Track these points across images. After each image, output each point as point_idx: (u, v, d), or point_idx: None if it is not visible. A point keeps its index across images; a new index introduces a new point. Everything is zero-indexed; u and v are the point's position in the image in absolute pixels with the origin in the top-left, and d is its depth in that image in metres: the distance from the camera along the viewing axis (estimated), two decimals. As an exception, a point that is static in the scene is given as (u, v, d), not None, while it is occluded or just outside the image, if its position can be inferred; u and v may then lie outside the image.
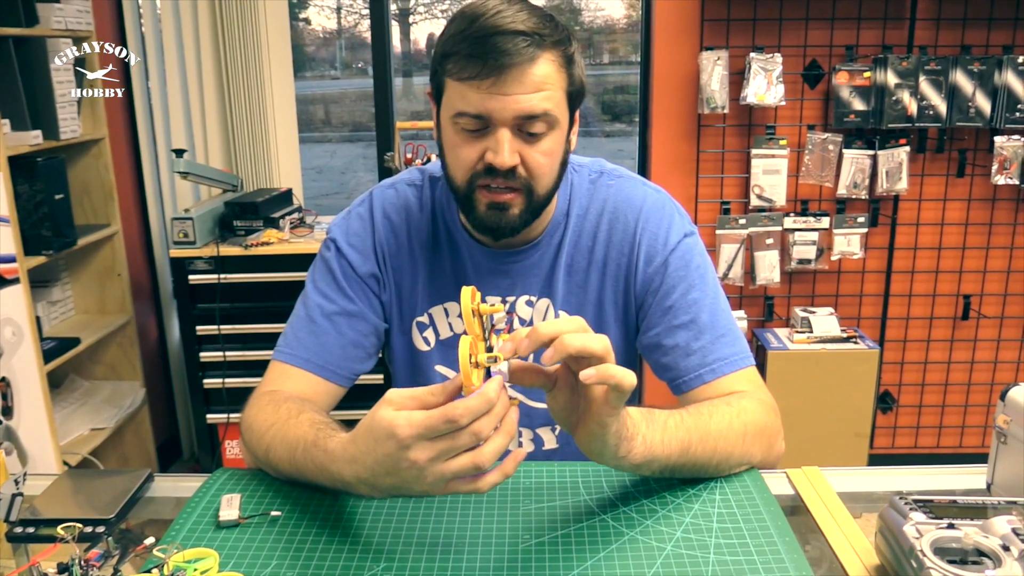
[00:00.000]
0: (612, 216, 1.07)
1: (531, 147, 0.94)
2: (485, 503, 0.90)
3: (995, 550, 0.70)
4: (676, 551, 0.80)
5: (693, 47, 2.63)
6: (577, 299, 1.08)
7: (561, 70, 0.93)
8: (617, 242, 1.06)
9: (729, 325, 1.05)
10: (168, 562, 0.74)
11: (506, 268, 1.08)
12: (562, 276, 1.08)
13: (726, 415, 0.93)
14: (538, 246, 1.07)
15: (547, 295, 1.09)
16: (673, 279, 1.05)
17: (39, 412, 2.16)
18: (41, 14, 2.30)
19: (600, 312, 1.08)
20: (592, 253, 1.07)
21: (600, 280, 1.07)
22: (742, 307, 2.78)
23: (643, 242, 1.05)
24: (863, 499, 0.94)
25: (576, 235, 1.08)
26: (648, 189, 1.10)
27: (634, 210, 1.06)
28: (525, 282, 1.09)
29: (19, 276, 2.11)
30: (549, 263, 1.08)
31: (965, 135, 2.66)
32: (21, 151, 2.20)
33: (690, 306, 1.04)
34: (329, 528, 0.86)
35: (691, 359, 1.02)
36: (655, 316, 1.05)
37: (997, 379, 2.86)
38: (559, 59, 0.93)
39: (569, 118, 0.98)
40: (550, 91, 0.92)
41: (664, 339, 1.04)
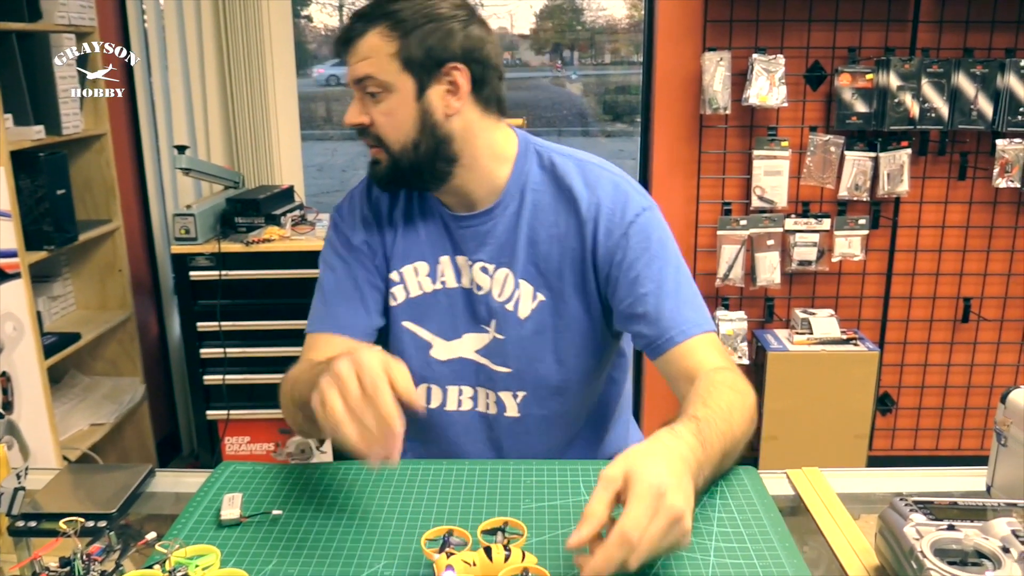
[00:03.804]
0: (571, 191, 1.13)
1: (376, 108, 1.08)
2: (486, 501, 0.90)
3: (995, 552, 0.70)
4: (676, 554, 0.80)
5: (695, 48, 2.63)
6: (537, 269, 1.14)
7: (389, 40, 1.06)
8: (578, 217, 1.12)
9: (692, 292, 1.12)
10: (170, 558, 0.74)
11: (463, 232, 1.16)
12: (523, 247, 1.14)
13: (732, 405, 0.96)
14: (491, 214, 1.14)
15: (507, 265, 1.14)
16: (636, 251, 1.10)
17: (39, 407, 2.16)
18: (44, 9, 2.30)
19: (560, 282, 1.13)
20: (555, 227, 1.13)
21: (560, 253, 1.13)
22: (742, 308, 2.78)
23: (601, 217, 1.11)
24: (863, 500, 0.95)
25: (537, 209, 1.14)
26: (604, 171, 1.16)
27: (591, 187, 1.13)
28: (482, 248, 1.15)
29: (20, 271, 2.11)
30: (508, 233, 1.14)
31: (967, 138, 2.66)
32: (23, 146, 2.20)
33: (655, 275, 1.10)
34: (330, 527, 0.86)
35: (660, 324, 1.08)
36: (623, 288, 1.11)
37: (997, 382, 2.86)
38: (386, 30, 1.06)
39: (421, 81, 1.06)
40: (372, 58, 1.06)
41: (635, 308, 1.10)
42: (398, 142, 1.08)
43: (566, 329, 1.14)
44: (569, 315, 1.14)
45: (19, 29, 2.21)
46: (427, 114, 1.08)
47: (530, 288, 1.14)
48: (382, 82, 1.06)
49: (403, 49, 1.05)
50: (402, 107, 1.07)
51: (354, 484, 0.95)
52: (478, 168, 1.13)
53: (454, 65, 1.07)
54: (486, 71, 1.10)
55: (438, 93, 1.08)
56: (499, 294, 1.15)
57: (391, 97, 1.07)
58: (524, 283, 1.14)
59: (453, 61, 1.07)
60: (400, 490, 0.93)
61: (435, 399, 1.20)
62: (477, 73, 1.08)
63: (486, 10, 7.13)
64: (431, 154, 1.09)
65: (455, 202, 1.16)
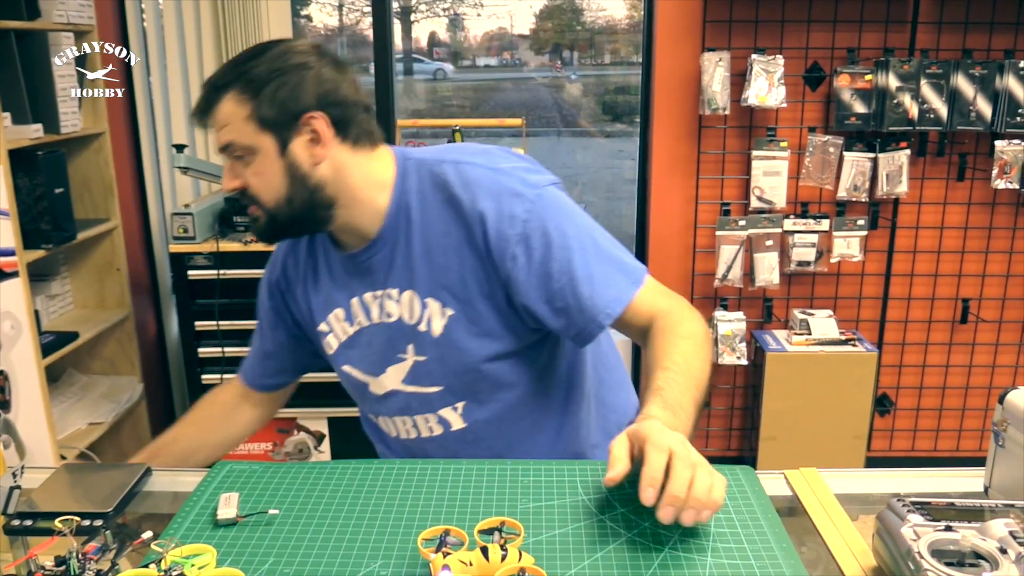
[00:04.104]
0: (454, 199, 1.10)
1: (245, 171, 1.08)
2: (483, 501, 0.90)
3: (992, 553, 0.70)
4: (673, 553, 0.80)
5: (695, 48, 2.63)
6: (441, 282, 1.12)
7: (241, 103, 1.05)
8: (465, 223, 1.10)
9: (606, 261, 1.11)
10: (166, 557, 0.74)
11: (361, 267, 1.16)
12: (421, 264, 1.12)
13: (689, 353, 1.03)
14: (378, 243, 1.13)
15: (410, 286, 1.13)
16: (537, 249, 1.08)
17: (37, 406, 2.16)
18: (43, 8, 2.30)
19: (466, 291, 1.11)
20: (446, 237, 1.11)
21: (459, 261, 1.11)
22: (741, 308, 2.78)
23: (488, 222, 1.08)
24: (860, 501, 0.95)
25: (426, 224, 1.12)
26: (485, 170, 1.12)
27: (471, 193, 1.09)
28: (382, 277, 1.15)
29: (18, 269, 2.11)
30: (402, 255, 1.13)
31: (966, 139, 2.66)
32: (22, 144, 2.20)
33: (564, 267, 1.08)
34: (326, 527, 0.86)
35: (584, 313, 1.08)
36: (535, 288, 1.09)
37: (995, 383, 2.86)
38: (236, 95, 1.06)
39: (282, 136, 1.06)
40: (230, 125, 1.06)
41: (555, 303, 1.09)
42: (272, 200, 1.09)
43: (483, 335, 1.13)
44: (482, 321, 1.12)
45: (18, 27, 2.21)
46: (294, 167, 1.07)
47: (437, 304, 1.12)
48: (244, 146, 1.06)
49: (256, 110, 1.05)
50: (269, 166, 1.07)
51: (351, 484, 0.95)
52: (359, 203, 1.12)
53: (310, 115, 1.06)
54: (346, 111, 1.09)
55: (301, 145, 1.07)
56: (410, 317, 1.14)
57: (256, 159, 1.07)
58: (431, 300, 1.12)
59: (308, 111, 1.06)
60: (397, 490, 0.93)
61: (391, 429, 1.23)
62: (337, 116, 1.08)
63: (486, 10, 7.13)
64: (307, 204, 1.09)
65: (349, 239, 1.16)
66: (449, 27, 7.39)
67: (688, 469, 0.80)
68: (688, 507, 0.78)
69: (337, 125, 1.08)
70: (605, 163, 7.06)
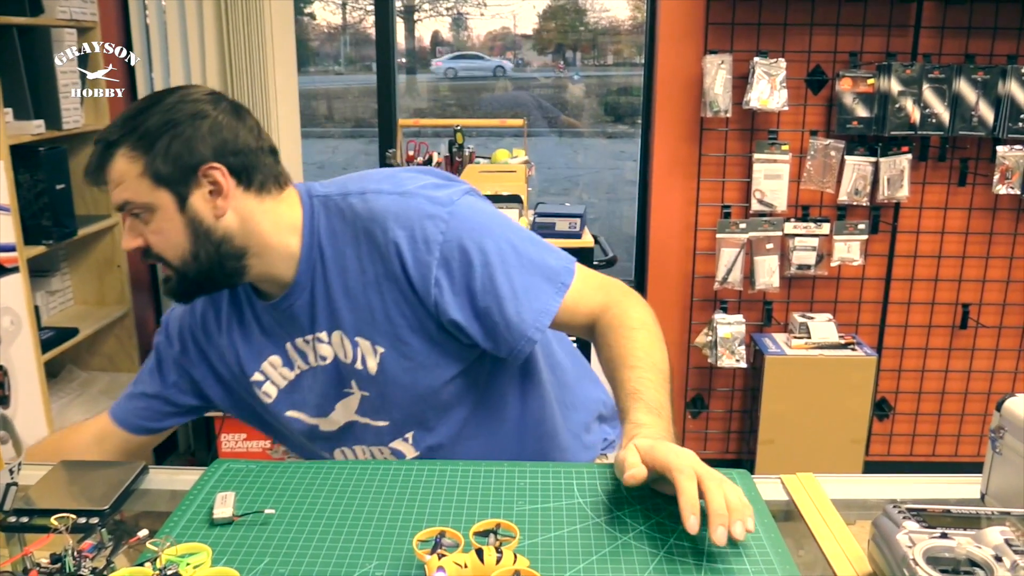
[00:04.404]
0: (365, 232, 1.06)
1: (145, 229, 1.04)
2: (479, 503, 0.90)
3: (987, 560, 0.70)
4: (669, 557, 0.80)
5: (697, 51, 2.63)
6: (366, 320, 1.08)
7: (134, 160, 1.01)
8: (380, 255, 1.05)
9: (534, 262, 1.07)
10: (161, 556, 0.74)
11: (284, 315, 1.12)
12: (343, 304, 1.08)
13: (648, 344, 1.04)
14: (296, 289, 1.09)
15: (336, 327, 1.09)
16: (457, 271, 1.04)
17: (36, 402, 2.16)
18: (46, 4, 2.30)
19: (392, 327, 1.07)
20: (363, 274, 1.07)
21: (379, 296, 1.07)
22: (741, 311, 2.78)
23: (403, 252, 1.04)
24: (857, 506, 0.94)
25: (339, 261, 1.07)
26: (392, 197, 1.07)
27: (380, 225, 1.05)
28: (308, 322, 1.11)
29: (19, 265, 2.11)
30: (323, 296, 1.09)
31: (967, 144, 2.66)
32: (23, 140, 2.20)
33: (487, 284, 1.04)
34: (322, 526, 0.86)
35: (512, 331, 1.05)
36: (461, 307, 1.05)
37: (994, 388, 2.86)
38: (127, 152, 1.01)
39: (180, 191, 1.02)
40: (126, 183, 1.02)
41: (484, 322, 1.06)
42: (177, 257, 1.04)
43: (419, 368, 1.09)
44: (415, 355, 1.08)
45: (20, 23, 2.21)
46: (196, 222, 1.03)
47: (367, 343, 1.09)
48: (140, 204, 1.02)
49: (149, 166, 1.00)
50: (168, 223, 1.03)
51: (347, 484, 0.95)
52: (271, 250, 1.07)
53: (208, 166, 1.02)
54: (247, 158, 1.04)
55: (201, 198, 1.03)
56: (344, 356, 1.11)
57: (155, 216, 1.02)
58: (360, 339, 1.09)
59: (205, 163, 1.02)
60: (393, 490, 0.93)
61: (350, 458, 1.20)
62: (237, 164, 1.03)
63: (489, 9, 7.13)
64: (215, 258, 1.05)
65: (269, 288, 1.12)
66: (452, 26, 7.39)
67: (719, 486, 0.80)
68: (735, 520, 0.78)
69: (238, 174, 1.04)
70: (607, 164, 7.06)
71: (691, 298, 2.82)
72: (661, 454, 0.84)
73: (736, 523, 0.78)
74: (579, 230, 2.47)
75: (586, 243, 2.45)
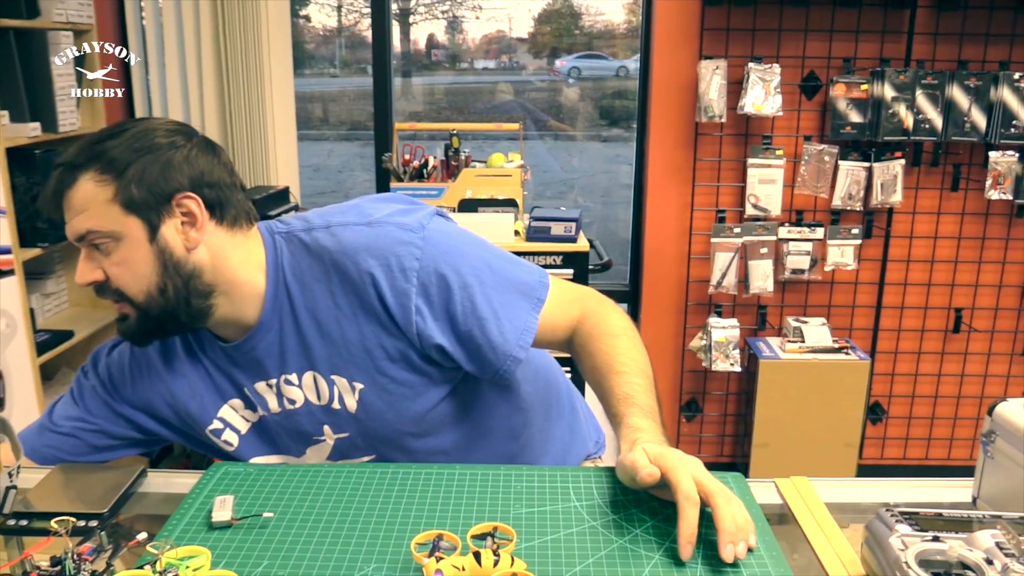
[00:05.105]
0: (336, 266, 1.02)
1: (105, 261, 0.98)
2: (476, 506, 0.91)
3: (979, 563, 0.71)
4: (664, 560, 0.81)
5: (692, 56, 2.64)
6: (342, 357, 1.04)
7: (102, 184, 0.96)
8: (353, 289, 1.02)
9: (508, 279, 1.06)
10: (161, 559, 0.74)
11: (248, 358, 1.07)
12: (315, 342, 1.04)
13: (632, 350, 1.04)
14: (260, 330, 1.05)
15: (309, 367, 1.05)
16: (437, 297, 1.02)
17: (31, 404, 2.16)
18: (42, 7, 2.31)
19: (371, 360, 1.04)
20: (337, 309, 1.03)
21: (356, 331, 1.03)
22: (735, 315, 2.79)
23: (380, 283, 1.01)
24: (850, 510, 0.95)
25: (309, 300, 1.04)
26: (359, 228, 1.04)
27: (351, 257, 1.02)
28: (275, 364, 1.06)
29: (14, 268, 2.11)
30: (293, 336, 1.05)
31: (960, 149, 2.68)
32: (19, 143, 2.20)
33: (468, 307, 1.02)
34: (321, 529, 0.86)
35: (496, 352, 1.04)
36: (442, 332, 1.03)
37: (986, 392, 2.88)
38: (97, 174, 0.96)
39: (150, 220, 0.97)
40: (91, 209, 0.96)
41: (466, 345, 1.04)
42: (141, 291, 0.98)
43: (403, 399, 1.06)
44: (396, 387, 1.05)
45: (17, 26, 2.21)
46: (166, 253, 0.98)
47: (344, 380, 1.05)
48: (106, 232, 0.96)
49: (121, 191, 0.95)
50: (135, 253, 0.97)
51: (345, 487, 0.95)
52: (238, 288, 1.03)
53: (184, 195, 0.98)
54: (221, 192, 1.01)
55: (173, 228, 0.98)
56: (317, 398, 1.07)
57: (121, 246, 0.97)
58: (336, 378, 1.05)
59: (181, 191, 0.98)
60: (391, 494, 0.94)
61: None
62: (211, 198, 1.00)
63: (484, 12, 7.13)
64: (182, 294, 1.00)
65: (228, 332, 1.06)
66: (447, 30, 7.40)
67: (728, 504, 0.81)
68: (738, 540, 0.79)
69: (212, 207, 1.00)
70: (601, 168, 7.07)
71: (686, 302, 2.83)
72: (670, 465, 0.84)
73: (739, 543, 0.79)
74: (575, 234, 2.48)
75: (582, 247, 2.46)
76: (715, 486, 0.82)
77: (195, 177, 0.99)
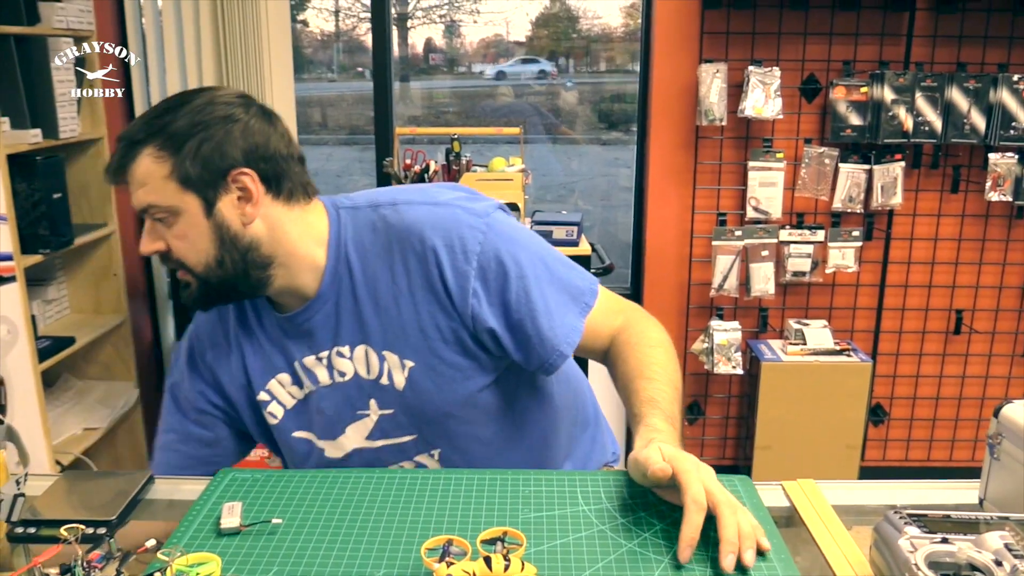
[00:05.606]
0: (400, 246, 1.05)
1: (167, 233, 1.01)
2: (484, 511, 0.91)
3: (988, 565, 0.71)
4: (673, 564, 0.81)
5: (692, 59, 2.65)
6: (395, 333, 1.06)
7: (160, 161, 0.98)
8: (415, 270, 1.04)
9: (561, 279, 1.09)
10: (172, 565, 0.74)
11: (302, 329, 1.09)
12: (371, 317, 1.06)
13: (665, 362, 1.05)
14: (318, 302, 1.07)
15: (362, 341, 1.07)
16: (494, 281, 1.04)
17: (32, 411, 2.16)
18: (43, 13, 2.30)
19: (424, 339, 1.06)
20: (395, 285, 1.05)
21: (412, 307, 1.05)
22: (736, 318, 2.80)
23: (442, 261, 1.03)
24: (853, 512, 0.95)
25: (369, 274, 1.06)
26: (426, 207, 1.07)
27: (417, 234, 1.04)
28: (328, 336, 1.08)
29: (15, 274, 2.11)
30: (349, 310, 1.07)
31: (960, 151, 2.69)
32: (20, 149, 2.20)
33: (522, 296, 1.05)
34: (330, 535, 0.86)
35: (544, 345, 1.06)
36: (495, 317, 1.05)
37: (988, 394, 2.88)
38: (156, 151, 0.98)
39: (207, 196, 1.00)
40: (150, 184, 0.99)
41: (516, 334, 1.06)
42: (200, 263, 1.01)
43: (452, 380, 1.07)
44: (448, 367, 1.07)
45: (17, 32, 2.21)
46: (223, 228, 1.00)
47: (395, 357, 1.07)
48: (165, 208, 0.99)
49: (177, 168, 0.98)
50: (193, 228, 1.00)
51: (353, 492, 0.95)
52: (297, 261, 1.05)
53: (239, 171, 1.00)
54: (277, 165, 1.02)
55: (229, 204, 1.00)
56: (366, 372, 1.08)
57: (179, 220, 0.99)
58: (388, 354, 1.07)
59: (236, 167, 0.99)
60: (400, 499, 0.94)
61: None
62: (267, 172, 1.02)
63: (482, 16, 7.16)
64: (240, 266, 1.02)
65: (288, 301, 1.09)
66: (445, 34, 7.41)
67: (733, 514, 0.81)
68: (745, 548, 0.79)
69: (268, 181, 1.02)
70: (600, 171, 7.08)
71: (687, 305, 2.83)
72: (683, 468, 0.84)
73: (747, 551, 0.79)
74: (576, 238, 2.48)
75: (583, 251, 2.46)
76: (723, 496, 0.82)
77: (251, 151, 1.01)
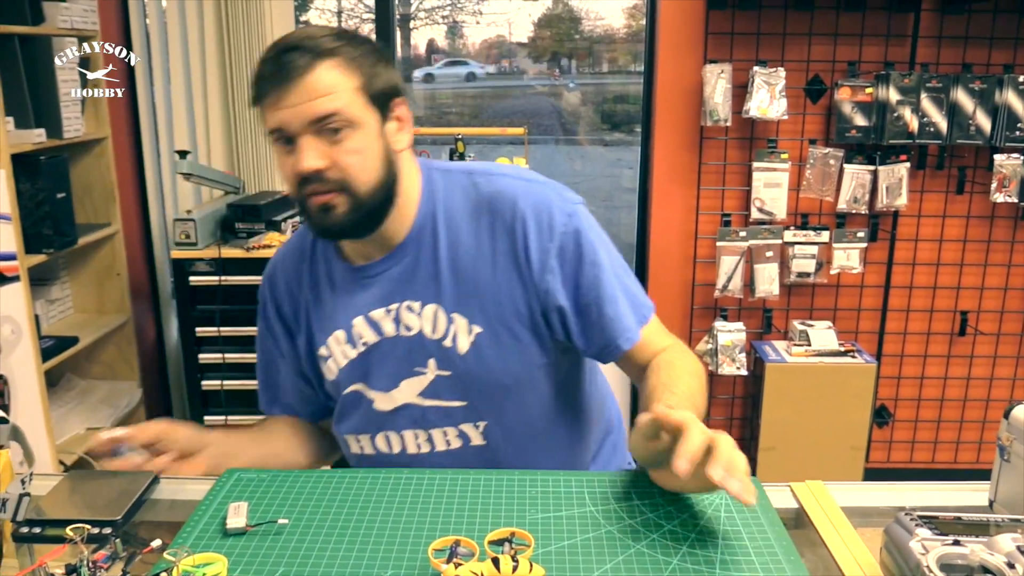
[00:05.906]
0: (490, 212, 1.07)
1: (338, 148, 0.99)
2: (492, 511, 0.90)
3: (1000, 567, 0.71)
4: (682, 564, 0.80)
5: (697, 60, 2.64)
6: (469, 298, 1.07)
7: (349, 73, 0.99)
8: (501, 237, 1.07)
9: (628, 286, 1.13)
10: (178, 566, 0.74)
11: (373, 280, 1.10)
12: (448, 277, 1.07)
13: (695, 388, 1.06)
14: (399, 253, 1.09)
15: (434, 300, 1.08)
16: (571, 262, 1.07)
17: (36, 410, 2.16)
18: (47, 13, 2.31)
19: (496, 307, 1.07)
20: (478, 251, 1.07)
21: (492, 276, 1.07)
22: (741, 319, 2.79)
23: (529, 232, 1.06)
24: (861, 513, 0.95)
25: (453, 235, 1.08)
26: (520, 181, 1.10)
27: (509, 203, 1.07)
28: (401, 289, 1.09)
29: (19, 274, 2.11)
30: (428, 266, 1.08)
31: (965, 152, 2.68)
32: (24, 149, 2.20)
33: (593, 282, 1.08)
34: (336, 535, 0.86)
35: (606, 333, 1.09)
36: (563, 299, 1.08)
37: (993, 395, 2.87)
38: (343, 63, 0.99)
39: (381, 116, 1.02)
40: (336, 93, 0.98)
41: (580, 318, 1.09)
42: (367, 183, 1.01)
43: (513, 353, 1.08)
44: (512, 339, 1.08)
45: (21, 32, 2.21)
46: (388, 150, 1.03)
47: (464, 320, 1.07)
48: (349, 118, 0.98)
49: (367, 83, 1.00)
50: (370, 144, 1.01)
51: (360, 493, 0.95)
52: (402, 204, 1.07)
53: (401, 99, 1.04)
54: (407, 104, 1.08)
55: (392, 129, 1.04)
56: (432, 331, 1.08)
57: (358, 134, 0.99)
58: (457, 316, 1.07)
59: (399, 95, 1.04)
60: (407, 499, 0.93)
61: (395, 445, 1.14)
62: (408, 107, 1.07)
63: (485, 17, 7.15)
64: (389, 194, 1.04)
65: (367, 249, 1.10)
66: (447, 34, 7.41)
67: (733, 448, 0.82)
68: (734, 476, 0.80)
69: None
70: (604, 172, 7.07)
71: (691, 306, 2.83)
72: (685, 416, 0.86)
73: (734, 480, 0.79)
74: (580, 238, 2.47)
75: (587, 251, 2.45)
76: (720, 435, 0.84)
77: (400, 86, 1.05)
